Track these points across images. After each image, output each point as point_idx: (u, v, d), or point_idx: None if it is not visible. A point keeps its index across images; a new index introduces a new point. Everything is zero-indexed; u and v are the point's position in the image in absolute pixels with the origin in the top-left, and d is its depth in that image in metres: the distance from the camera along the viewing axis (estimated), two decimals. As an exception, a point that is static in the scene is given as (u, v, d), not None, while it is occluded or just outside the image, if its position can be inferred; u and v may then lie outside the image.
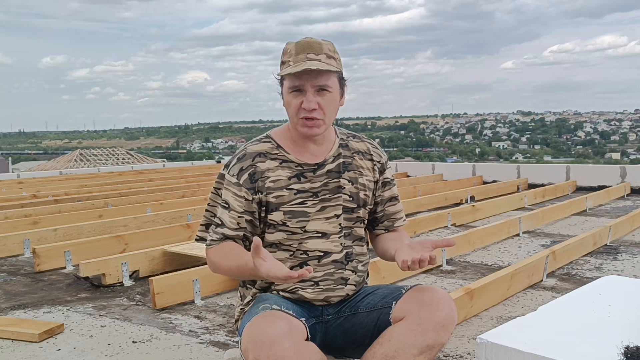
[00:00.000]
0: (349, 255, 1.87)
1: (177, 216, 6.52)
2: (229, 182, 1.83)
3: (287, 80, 1.76)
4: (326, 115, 1.77)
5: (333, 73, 1.76)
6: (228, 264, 1.77)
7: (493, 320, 3.22)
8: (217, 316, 3.40)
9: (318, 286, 1.83)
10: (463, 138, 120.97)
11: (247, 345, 1.52)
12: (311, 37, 1.79)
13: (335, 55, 1.79)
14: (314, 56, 1.73)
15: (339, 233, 1.85)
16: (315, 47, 1.75)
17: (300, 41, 1.77)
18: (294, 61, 1.74)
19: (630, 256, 4.77)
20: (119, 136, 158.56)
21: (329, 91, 1.76)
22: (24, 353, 2.87)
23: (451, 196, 8.09)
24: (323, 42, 1.78)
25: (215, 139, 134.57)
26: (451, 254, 4.68)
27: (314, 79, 1.73)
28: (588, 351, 1.47)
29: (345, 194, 1.86)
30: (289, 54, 1.76)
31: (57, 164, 21.37)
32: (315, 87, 1.73)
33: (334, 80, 1.78)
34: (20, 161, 42.96)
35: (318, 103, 1.74)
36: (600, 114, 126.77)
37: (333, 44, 1.80)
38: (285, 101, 1.79)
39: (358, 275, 1.90)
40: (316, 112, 1.74)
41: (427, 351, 1.63)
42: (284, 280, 1.54)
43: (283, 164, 1.82)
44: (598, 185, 9.17)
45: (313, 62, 1.71)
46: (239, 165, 1.82)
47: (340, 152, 1.89)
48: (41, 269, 4.56)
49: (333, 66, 1.75)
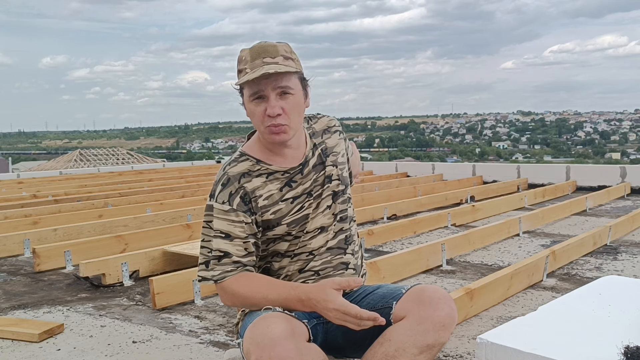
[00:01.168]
0: (348, 238, 1.88)
1: (177, 216, 6.52)
2: (221, 210, 1.73)
3: (247, 89, 1.70)
4: (291, 120, 1.71)
5: (293, 74, 1.71)
6: (263, 293, 1.68)
7: (493, 320, 3.22)
8: (217, 316, 3.40)
9: (319, 276, 1.83)
10: (463, 138, 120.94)
11: (249, 347, 1.52)
12: (265, 41, 1.74)
13: (292, 55, 1.74)
14: (270, 59, 1.68)
15: (333, 222, 1.85)
16: (270, 51, 1.70)
17: (254, 46, 1.72)
18: (250, 67, 1.68)
19: (630, 256, 4.77)
20: (119, 136, 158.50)
21: (292, 93, 1.70)
22: (24, 353, 2.87)
23: (451, 196, 8.09)
24: (278, 44, 1.73)
25: (215, 139, 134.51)
26: (451, 254, 4.68)
27: (274, 82, 1.67)
28: (588, 351, 1.47)
29: (334, 180, 1.85)
30: (245, 61, 1.70)
31: (57, 164, 21.37)
32: (277, 90, 1.68)
33: (295, 82, 1.72)
34: (20, 161, 42.94)
35: (282, 108, 1.69)
36: (600, 114, 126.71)
37: (289, 45, 1.75)
38: (248, 110, 1.73)
39: (355, 258, 1.90)
40: (281, 117, 1.69)
41: (427, 351, 1.63)
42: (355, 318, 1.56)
43: (270, 177, 1.78)
44: (598, 185, 9.16)
45: (270, 65, 1.66)
46: (226, 191, 1.74)
47: (314, 143, 1.86)
48: (41, 269, 4.56)
49: (292, 67, 1.70)
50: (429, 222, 6.08)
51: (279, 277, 1.84)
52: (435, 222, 6.17)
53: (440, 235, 5.80)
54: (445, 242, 4.63)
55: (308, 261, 1.82)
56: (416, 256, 4.27)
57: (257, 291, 1.69)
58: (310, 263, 1.82)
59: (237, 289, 1.72)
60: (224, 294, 1.75)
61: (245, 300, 1.73)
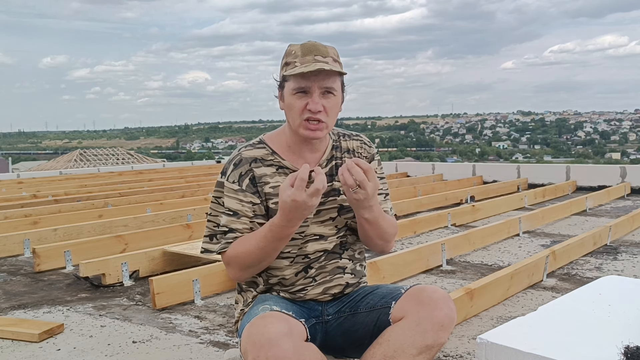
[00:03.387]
0: (344, 244, 1.88)
1: (177, 216, 6.53)
2: (231, 189, 1.80)
3: (293, 82, 1.73)
4: (329, 119, 1.75)
5: (339, 76, 1.76)
6: (255, 242, 1.70)
7: (493, 320, 3.22)
8: (217, 316, 3.40)
9: (315, 281, 1.84)
10: (463, 138, 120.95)
11: (246, 346, 1.52)
12: (314, 41, 1.77)
13: (339, 60, 1.78)
14: (321, 58, 1.72)
15: (336, 234, 1.86)
16: (321, 50, 1.74)
17: (306, 43, 1.75)
18: (300, 62, 1.71)
19: (630, 256, 4.77)
20: (119, 136, 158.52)
21: (334, 94, 1.75)
22: (24, 353, 2.87)
23: (451, 196, 8.09)
24: (328, 46, 1.77)
25: (215, 139, 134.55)
26: (451, 254, 4.68)
27: (321, 81, 1.71)
28: (588, 351, 1.47)
29: (342, 194, 1.86)
30: (294, 55, 1.74)
31: (57, 164, 21.38)
32: (322, 89, 1.72)
33: (339, 84, 1.77)
34: (20, 161, 42.95)
35: (323, 105, 1.72)
36: (600, 114, 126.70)
37: (336, 49, 1.79)
38: (287, 103, 1.76)
39: (354, 263, 1.90)
40: (321, 114, 1.72)
41: (426, 351, 1.63)
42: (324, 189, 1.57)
43: (279, 170, 1.81)
44: (598, 185, 9.17)
45: (322, 63, 1.70)
46: (237, 171, 1.80)
47: (332, 155, 1.88)
48: (41, 269, 4.56)
49: (341, 69, 1.74)
50: (429, 222, 6.08)
51: (275, 280, 1.85)
52: (435, 222, 6.18)
53: (440, 235, 5.80)
54: (445, 242, 4.63)
55: (306, 264, 1.83)
56: (416, 256, 4.27)
57: (249, 244, 1.72)
58: (306, 267, 1.83)
59: (234, 252, 1.75)
60: (229, 264, 1.79)
61: (245, 259, 1.74)
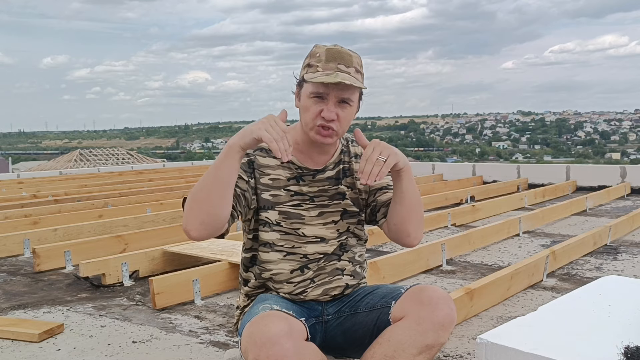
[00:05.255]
0: (344, 245, 1.88)
1: (177, 216, 6.52)
2: None
3: (311, 86, 1.72)
4: (342, 127, 1.75)
5: (357, 89, 1.75)
6: (203, 178, 1.63)
7: (493, 320, 3.22)
8: (217, 316, 3.40)
9: (314, 282, 1.84)
10: (463, 138, 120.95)
11: (246, 345, 1.52)
12: (340, 46, 1.76)
13: (361, 70, 1.77)
14: (344, 67, 1.70)
15: (338, 238, 1.86)
16: (346, 59, 1.72)
17: (331, 48, 1.73)
18: (323, 68, 1.70)
19: (630, 256, 4.77)
20: (119, 136, 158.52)
21: (350, 105, 1.74)
22: (24, 353, 2.87)
23: (451, 196, 8.09)
24: (353, 54, 1.75)
25: (215, 139, 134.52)
26: (451, 254, 4.68)
27: (340, 91, 1.70)
28: (588, 351, 1.47)
29: (347, 199, 1.87)
30: (318, 58, 1.72)
31: (57, 164, 21.37)
32: (339, 98, 1.71)
33: (356, 95, 1.77)
34: (20, 161, 42.95)
35: (337, 114, 1.72)
36: (600, 114, 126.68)
37: (361, 58, 1.78)
38: (303, 104, 1.76)
39: (353, 265, 1.90)
40: (334, 122, 1.72)
41: (426, 351, 1.63)
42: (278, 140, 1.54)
43: (284, 164, 1.82)
44: (598, 185, 9.17)
45: (344, 74, 1.69)
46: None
47: (341, 159, 1.89)
48: (41, 269, 4.56)
49: (360, 83, 1.73)
50: (429, 222, 6.08)
51: (271, 274, 1.85)
52: (436, 222, 6.17)
53: (440, 235, 5.80)
54: (445, 242, 4.63)
55: (304, 264, 1.83)
56: (416, 256, 4.27)
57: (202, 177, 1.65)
58: (302, 266, 1.83)
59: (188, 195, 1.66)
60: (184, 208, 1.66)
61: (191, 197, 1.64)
